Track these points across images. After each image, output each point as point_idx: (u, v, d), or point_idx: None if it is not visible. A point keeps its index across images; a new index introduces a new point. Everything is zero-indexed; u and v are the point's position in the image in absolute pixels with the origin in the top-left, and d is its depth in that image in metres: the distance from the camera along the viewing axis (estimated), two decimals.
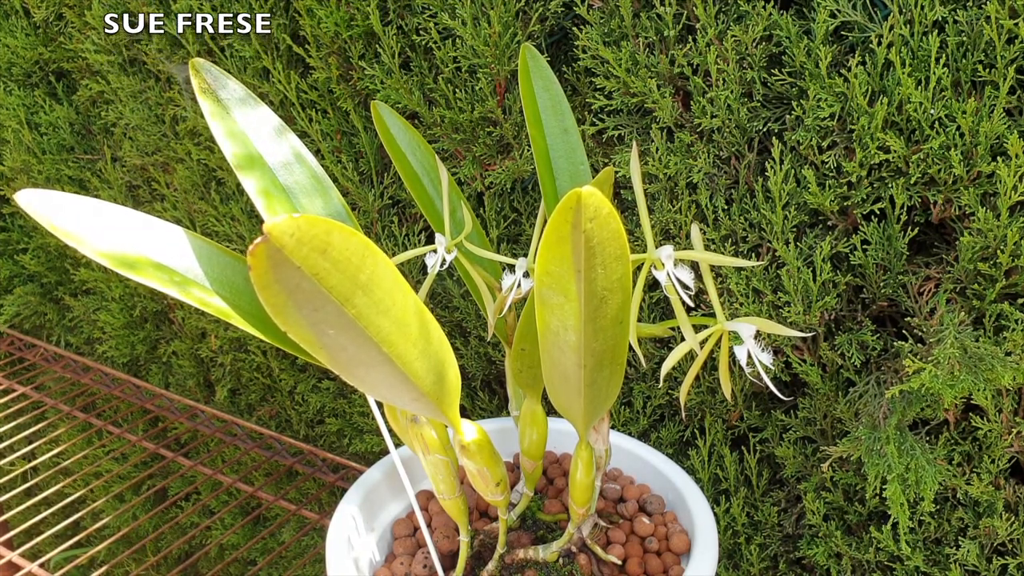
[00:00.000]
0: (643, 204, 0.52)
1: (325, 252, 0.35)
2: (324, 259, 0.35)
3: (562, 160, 0.59)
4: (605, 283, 0.39)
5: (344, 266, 0.36)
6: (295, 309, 0.36)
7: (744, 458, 0.79)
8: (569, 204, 0.36)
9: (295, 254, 0.34)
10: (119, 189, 1.22)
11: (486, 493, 0.54)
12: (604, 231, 0.37)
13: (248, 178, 0.55)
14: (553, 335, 0.43)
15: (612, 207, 0.36)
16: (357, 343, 0.39)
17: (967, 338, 0.61)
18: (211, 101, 0.55)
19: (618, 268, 0.39)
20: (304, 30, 0.90)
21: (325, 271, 0.35)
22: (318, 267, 0.35)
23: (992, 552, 0.67)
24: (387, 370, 0.41)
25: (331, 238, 0.35)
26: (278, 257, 0.33)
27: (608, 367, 0.45)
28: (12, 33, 1.20)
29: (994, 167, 0.59)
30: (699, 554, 0.59)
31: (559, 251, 0.38)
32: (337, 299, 0.36)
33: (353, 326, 0.38)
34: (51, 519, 1.05)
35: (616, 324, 0.42)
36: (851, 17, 0.63)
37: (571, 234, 0.36)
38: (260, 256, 0.33)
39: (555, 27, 0.79)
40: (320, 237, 0.34)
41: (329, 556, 0.60)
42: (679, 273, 0.48)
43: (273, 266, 0.34)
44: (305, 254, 0.34)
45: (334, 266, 0.35)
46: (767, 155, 0.69)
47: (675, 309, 0.51)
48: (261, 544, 1.26)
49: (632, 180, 0.53)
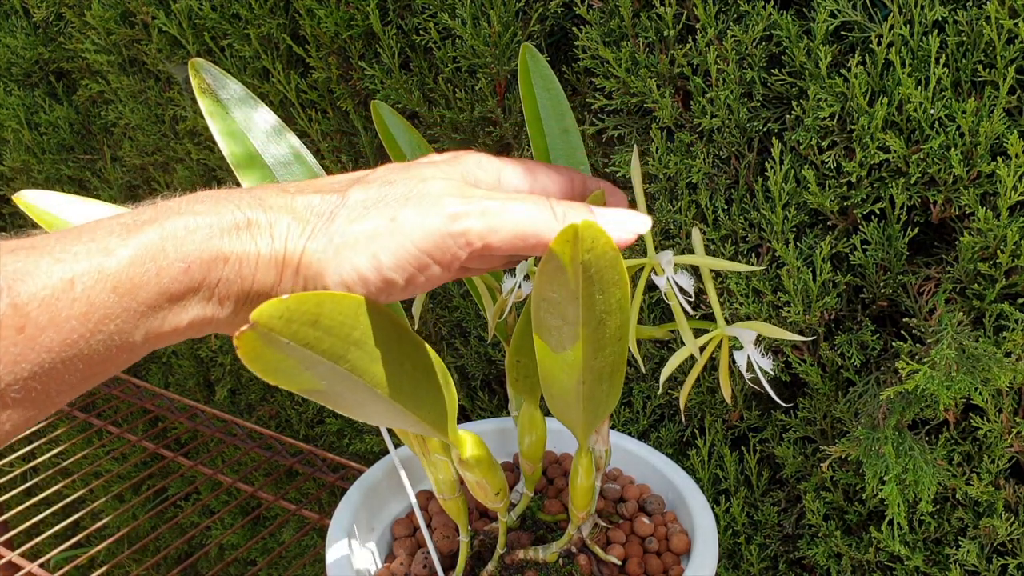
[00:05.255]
0: (643, 207, 0.52)
1: (316, 323, 0.34)
2: (315, 329, 0.34)
3: (562, 161, 0.59)
4: (603, 306, 0.39)
5: (337, 330, 0.35)
6: (285, 373, 0.35)
7: (744, 458, 0.79)
8: (566, 237, 0.35)
9: (284, 332, 0.33)
10: (119, 189, 1.22)
11: (485, 501, 0.54)
12: (602, 260, 0.36)
13: (247, 178, 0.55)
14: (551, 354, 0.43)
15: (608, 236, 0.36)
16: (352, 390, 0.38)
17: (966, 338, 0.61)
18: (210, 101, 0.55)
19: (616, 292, 0.38)
20: (304, 30, 0.90)
21: (317, 339, 0.34)
22: (309, 337, 0.34)
23: (992, 552, 0.67)
24: (383, 407, 0.41)
25: (322, 309, 0.34)
26: (267, 338, 0.33)
27: (608, 381, 0.45)
28: (12, 33, 1.20)
29: (994, 167, 0.59)
30: (699, 554, 0.59)
31: (557, 279, 0.37)
32: (330, 359, 0.36)
33: (347, 378, 0.37)
34: (51, 519, 1.05)
35: (615, 341, 0.41)
36: (851, 17, 0.63)
37: (569, 265, 0.36)
38: (247, 340, 0.32)
39: (555, 27, 0.79)
40: (310, 311, 0.34)
41: (329, 556, 0.60)
42: (679, 278, 0.48)
43: (262, 346, 0.33)
44: (295, 330, 0.33)
45: (326, 333, 0.35)
46: (767, 155, 0.69)
47: (675, 315, 0.51)
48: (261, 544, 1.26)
49: (633, 183, 0.53)
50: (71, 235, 0.34)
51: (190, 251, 0.34)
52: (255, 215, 0.36)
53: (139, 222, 0.34)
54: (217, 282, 0.35)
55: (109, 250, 0.33)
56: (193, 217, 0.35)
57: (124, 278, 0.33)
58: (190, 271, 0.34)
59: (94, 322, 0.33)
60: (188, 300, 0.35)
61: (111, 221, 0.35)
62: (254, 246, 0.36)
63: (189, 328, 0.36)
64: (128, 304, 0.33)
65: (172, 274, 0.34)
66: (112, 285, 0.33)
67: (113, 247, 0.33)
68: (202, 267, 0.35)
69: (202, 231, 0.35)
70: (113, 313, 0.33)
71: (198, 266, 0.35)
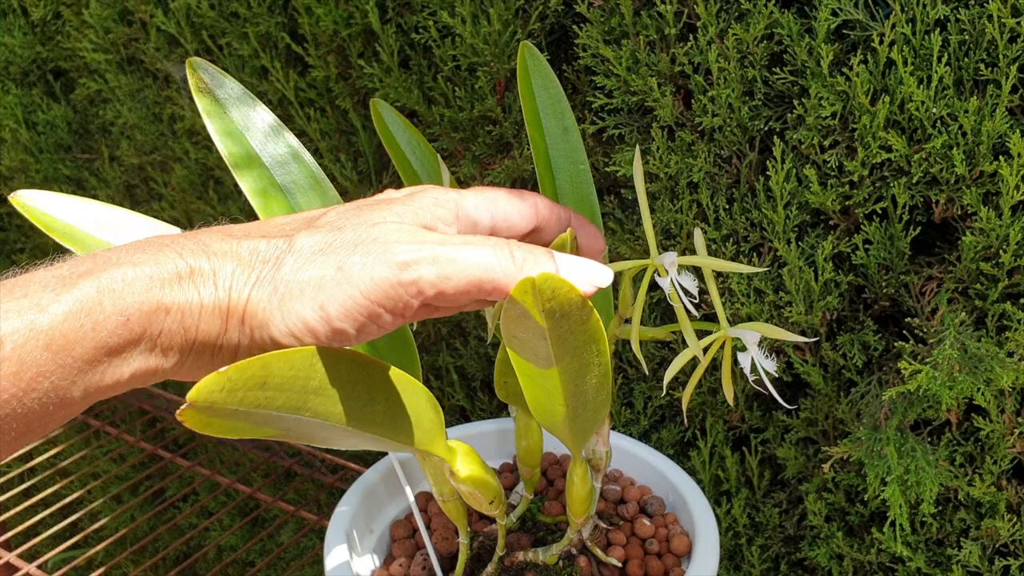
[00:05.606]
0: (646, 209, 0.51)
1: (264, 384, 0.33)
2: (264, 390, 0.33)
3: (562, 160, 0.58)
4: (576, 341, 0.37)
5: (290, 385, 0.34)
6: (242, 431, 0.34)
7: (745, 459, 0.79)
8: (524, 288, 0.34)
9: (229, 402, 0.32)
10: (117, 188, 1.21)
11: (480, 509, 0.54)
12: (566, 305, 0.35)
13: (245, 177, 0.55)
14: (531, 382, 0.42)
15: (569, 284, 0.34)
16: (320, 429, 0.37)
17: (968, 338, 0.61)
18: (208, 100, 0.55)
19: (587, 327, 0.36)
20: (303, 28, 0.90)
21: (269, 399, 0.33)
22: (259, 399, 0.33)
23: (994, 553, 0.67)
24: (358, 439, 0.39)
25: (269, 370, 0.33)
26: (211, 411, 0.32)
27: (593, 401, 0.44)
28: (10, 32, 1.20)
29: (996, 166, 0.59)
30: (700, 556, 0.59)
31: (523, 323, 0.35)
32: (289, 412, 0.35)
33: (312, 423, 0.36)
34: (49, 520, 1.04)
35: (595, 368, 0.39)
36: (853, 15, 0.62)
37: (532, 310, 0.34)
38: (190, 416, 0.31)
39: (555, 25, 0.79)
40: (256, 375, 0.32)
41: (327, 558, 0.60)
42: (682, 280, 0.48)
43: (208, 417, 0.32)
44: (241, 396, 0.32)
45: (278, 391, 0.34)
46: (768, 154, 0.69)
47: (678, 317, 0.50)
48: (259, 545, 1.26)
49: (635, 185, 0.52)
50: (3, 290, 0.32)
51: (129, 303, 0.33)
52: (198, 263, 0.35)
53: (76, 274, 0.33)
54: (159, 333, 0.34)
55: (42, 306, 0.32)
56: (132, 268, 0.34)
57: (58, 334, 0.32)
58: (129, 324, 0.33)
59: (26, 381, 0.32)
60: (129, 352, 0.34)
61: (47, 274, 0.34)
62: (197, 295, 0.35)
63: (132, 380, 0.35)
64: (63, 360, 0.32)
65: (110, 327, 0.33)
66: (45, 342, 0.32)
67: (47, 303, 0.32)
68: (142, 319, 0.34)
69: (141, 282, 0.34)
70: (47, 370, 0.32)
71: (137, 318, 0.34)
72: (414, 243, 0.36)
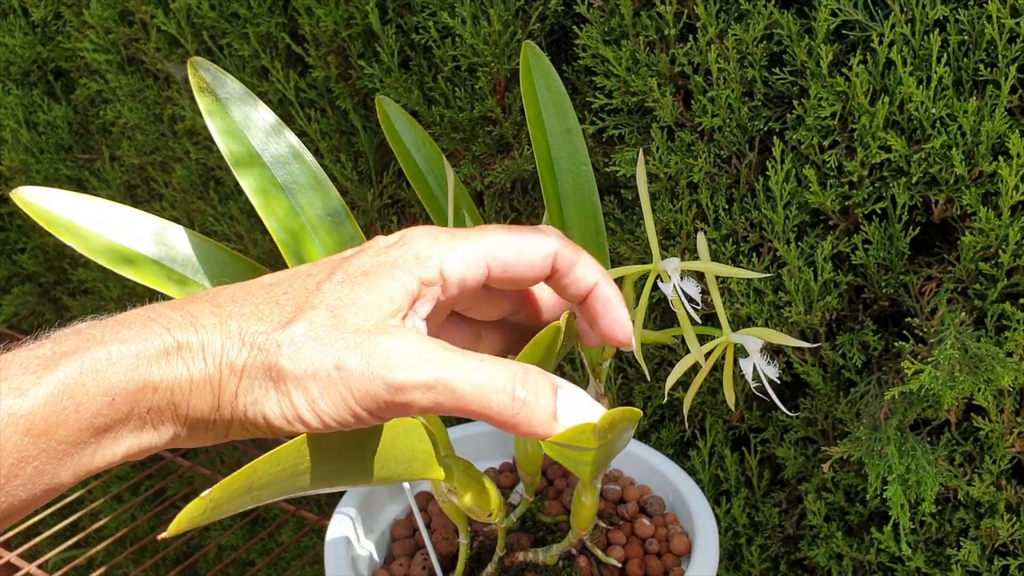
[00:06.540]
0: (648, 213, 0.51)
1: (250, 489, 0.33)
2: (251, 491, 0.33)
3: (564, 161, 0.58)
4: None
5: (278, 477, 0.34)
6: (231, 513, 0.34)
7: (745, 459, 0.79)
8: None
9: (215, 513, 0.32)
10: (117, 189, 1.21)
11: (481, 520, 0.54)
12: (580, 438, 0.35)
13: (245, 176, 0.55)
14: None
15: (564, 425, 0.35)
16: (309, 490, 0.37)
17: (968, 338, 0.61)
18: (209, 99, 0.55)
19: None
20: (303, 29, 0.90)
21: (256, 496, 0.33)
22: (247, 500, 0.33)
23: (993, 553, 0.67)
24: (357, 480, 0.40)
25: (255, 475, 0.32)
26: (199, 521, 0.31)
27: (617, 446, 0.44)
28: (10, 32, 1.20)
29: (996, 166, 0.59)
30: (700, 555, 0.59)
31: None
32: (278, 495, 0.35)
33: (305, 488, 0.36)
34: (49, 520, 1.04)
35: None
36: (852, 16, 0.62)
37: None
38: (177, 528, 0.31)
39: (555, 26, 0.79)
40: (240, 486, 0.32)
41: (328, 557, 0.60)
42: (685, 285, 0.48)
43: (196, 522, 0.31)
44: (226, 508, 0.32)
45: (266, 487, 0.33)
46: (768, 154, 0.69)
47: (681, 323, 0.50)
48: (260, 545, 1.26)
49: (639, 189, 0.52)
50: None
51: (114, 383, 0.32)
52: (186, 337, 0.34)
53: (58, 354, 0.32)
54: (147, 411, 0.33)
55: (22, 390, 0.31)
56: (117, 346, 0.33)
57: (38, 418, 0.31)
58: (115, 404, 0.32)
59: (8, 467, 0.31)
60: (118, 431, 0.33)
61: (28, 354, 0.33)
62: (186, 371, 0.34)
63: (127, 458, 0.34)
64: (45, 445, 0.31)
65: (94, 408, 0.32)
66: (25, 427, 0.31)
67: (27, 386, 0.31)
68: (128, 398, 0.33)
69: (127, 360, 0.33)
70: (29, 455, 0.31)
71: (123, 398, 0.32)
72: (417, 361, 0.34)
